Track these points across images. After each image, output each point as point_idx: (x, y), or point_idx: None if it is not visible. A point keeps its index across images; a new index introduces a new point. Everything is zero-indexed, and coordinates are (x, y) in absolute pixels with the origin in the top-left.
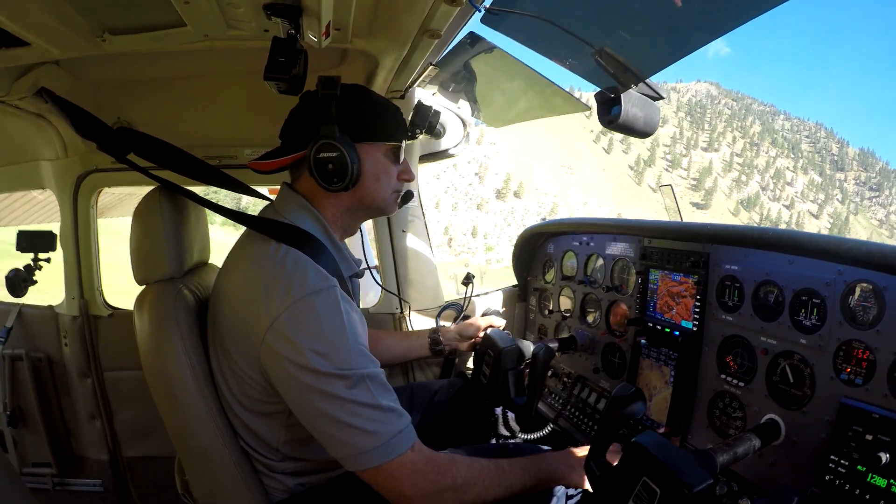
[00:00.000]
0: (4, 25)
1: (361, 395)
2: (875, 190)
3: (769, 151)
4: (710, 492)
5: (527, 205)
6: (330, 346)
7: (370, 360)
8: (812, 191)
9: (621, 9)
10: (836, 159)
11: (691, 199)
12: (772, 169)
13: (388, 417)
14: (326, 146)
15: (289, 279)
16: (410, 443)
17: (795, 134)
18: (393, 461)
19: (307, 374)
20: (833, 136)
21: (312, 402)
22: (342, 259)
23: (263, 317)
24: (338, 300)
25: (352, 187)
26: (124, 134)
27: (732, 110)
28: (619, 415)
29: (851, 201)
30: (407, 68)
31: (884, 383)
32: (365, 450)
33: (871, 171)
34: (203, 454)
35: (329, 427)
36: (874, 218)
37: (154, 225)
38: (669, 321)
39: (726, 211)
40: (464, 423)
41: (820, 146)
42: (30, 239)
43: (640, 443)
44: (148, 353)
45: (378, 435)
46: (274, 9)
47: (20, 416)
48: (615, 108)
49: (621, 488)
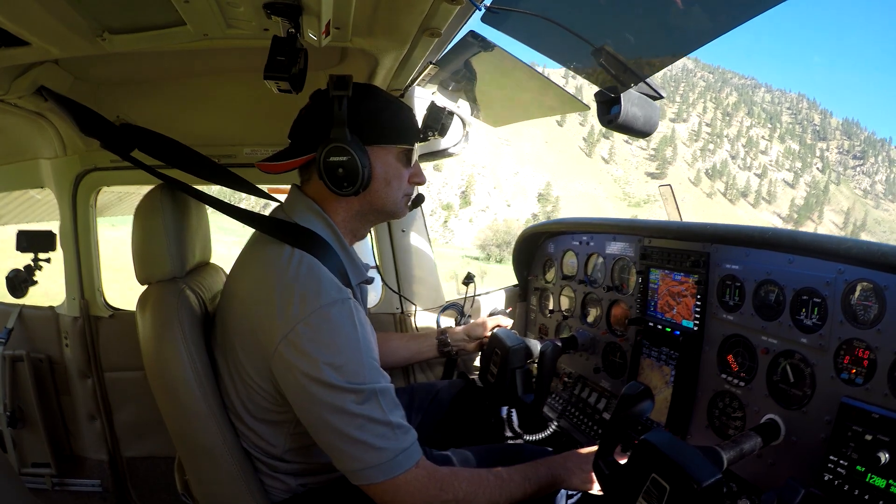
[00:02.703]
0: (4, 25)
1: (372, 410)
2: (859, 158)
3: (743, 121)
4: (719, 487)
5: (446, 177)
6: (344, 359)
7: (381, 375)
8: (788, 159)
9: (621, 8)
10: (817, 129)
11: (647, 169)
12: (743, 138)
13: (395, 434)
14: (337, 150)
15: (304, 288)
16: (416, 459)
17: (776, 106)
18: (397, 477)
19: (319, 387)
20: (816, 106)
21: (322, 415)
22: (352, 265)
23: (278, 326)
24: (352, 312)
25: (362, 192)
26: (127, 130)
27: (708, 82)
28: (629, 413)
29: (833, 170)
30: (407, 67)
31: (884, 383)
32: (371, 465)
33: (855, 139)
34: (204, 454)
35: (336, 440)
36: (858, 188)
37: (156, 224)
38: (670, 321)
39: (686, 180)
40: (465, 424)
41: (801, 117)
42: (30, 239)
43: (649, 440)
44: (150, 352)
45: (385, 451)
46: (274, 8)
47: (20, 417)
48: (615, 108)
49: (630, 485)
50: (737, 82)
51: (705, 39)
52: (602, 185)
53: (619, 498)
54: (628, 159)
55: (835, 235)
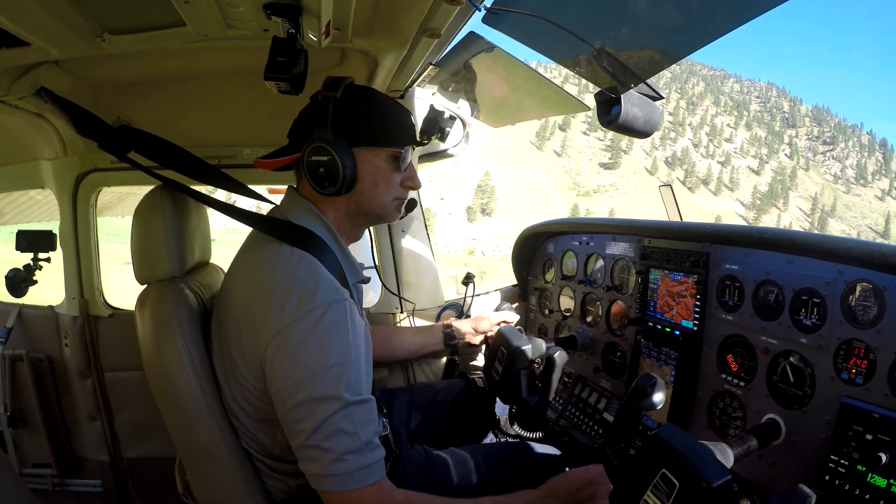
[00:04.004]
0: (4, 25)
1: (344, 422)
2: (829, 144)
3: (709, 110)
4: (728, 487)
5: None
6: (330, 365)
7: (364, 387)
8: (754, 146)
9: (621, 9)
10: (787, 116)
11: (601, 160)
12: (707, 126)
13: (361, 450)
14: (318, 149)
15: (302, 288)
16: (374, 479)
17: (745, 95)
18: (350, 492)
19: (299, 389)
20: (786, 94)
21: (295, 416)
22: (348, 264)
23: (271, 325)
24: (346, 315)
25: (345, 192)
26: (124, 132)
27: (674, 73)
28: (639, 405)
29: (802, 156)
30: (407, 68)
31: (884, 383)
32: (330, 473)
33: (825, 125)
34: (204, 454)
35: (304, 441)
36: (828, 173)
37: (155, 224)
38: (670, 321)
39: (641, 169)
40: (465, 424)
41: (771, 105)
42: (29, 239)
43: (660, 435)
44: (149, 352)
45: (345, 462)
46: (274, 8)
47: (20, 417)
48: (615, 108)
49: (639, 479)
50: (706, 73)
51: (706, 40)
52: (550, 174)
53: (626, 489)
54: (583, 151)
55: (834, 236)
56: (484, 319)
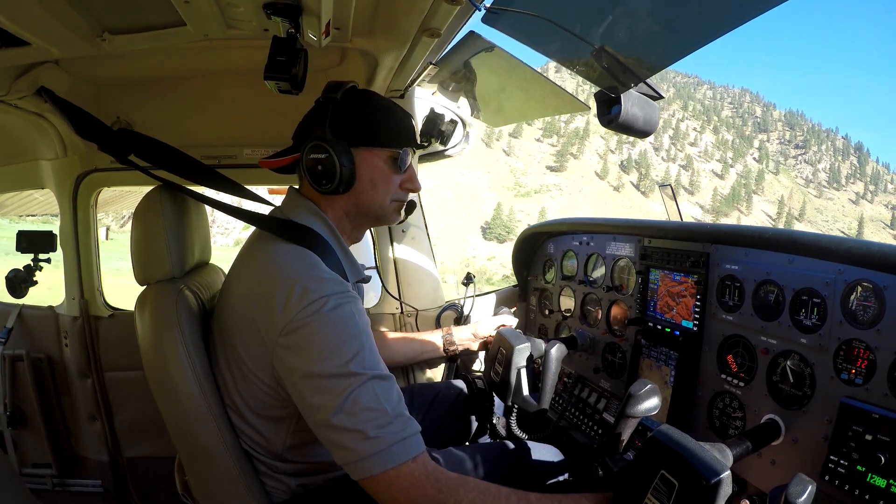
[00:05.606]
0: (4, 25)
1: (367, 397)
2: (801, 147)
3: (675, 114)
4: (727, 482)
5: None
6: (343, 347)
7: (379, 363)
8: (720, 150)
9: (621, 8)
10: (759, 121)
11: (548, 163)
12: (671, 129)
13: (392, 423)
14: (316, 147)
15: (305, 282)
16: (414, 453)
17: (717, 101)
18: (390, 471)
19: (316, 378)
20: (759, 99)
21: (319, 405)
22: (349, 263)
23: (278, 319)
24: (352, 305)
25: (343, 190)
26: (124, 135)
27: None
28: (636, 411)
29: (772, 160)
30: (407, 67)
31: (884, 383)
32: (365, 455)
33: (797, 130)
34: (204, 454)
35: (332, 432)
36: (799, 176)
37: (155, 224)
38: (670, 321)
39: (590, 172)
40: (465, 425)
41: (743, 110)
42: (30, 239)
43: (657, 436)
44: (149, 352)
45: (379, 440)
46: (274, 8)
47: (20, 417)
48: (615, 108)
49: (639, 482)
50: (679, 80)
51: (705, 40)
52: (491, 174)
53: (627, 495)
54: (532, 154)
55: (835, 236)
56: (483, 324)
